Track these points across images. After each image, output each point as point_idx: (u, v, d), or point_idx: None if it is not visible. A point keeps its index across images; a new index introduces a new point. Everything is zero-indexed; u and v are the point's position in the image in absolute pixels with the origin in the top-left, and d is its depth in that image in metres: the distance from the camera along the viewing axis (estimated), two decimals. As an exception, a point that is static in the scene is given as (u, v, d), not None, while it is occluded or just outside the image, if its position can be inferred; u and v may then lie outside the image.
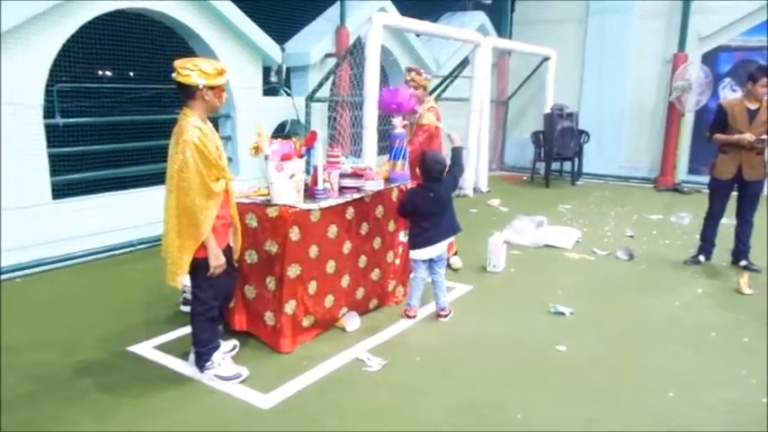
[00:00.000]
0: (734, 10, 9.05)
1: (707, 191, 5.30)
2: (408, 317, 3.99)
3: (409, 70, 4.86)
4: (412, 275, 4.04)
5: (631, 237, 6.34)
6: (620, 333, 3.87)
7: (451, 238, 4.06)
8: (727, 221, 5.26)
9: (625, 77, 10.28)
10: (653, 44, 9.92)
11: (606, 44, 10.36)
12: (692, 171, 9.74)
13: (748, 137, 4.77)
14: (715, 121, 5.05)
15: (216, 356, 3.15)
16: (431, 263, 3.95)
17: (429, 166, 3.81)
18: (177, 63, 2.86)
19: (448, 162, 3.94)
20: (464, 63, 8.75)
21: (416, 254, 3.91)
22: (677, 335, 3.85)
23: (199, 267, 2.96)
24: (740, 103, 4.92)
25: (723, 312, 4.25)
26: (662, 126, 9.82)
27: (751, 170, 4.93)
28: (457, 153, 4.02)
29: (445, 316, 4.01)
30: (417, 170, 3.95)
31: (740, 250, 5.22)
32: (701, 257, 5.34)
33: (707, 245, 5.34)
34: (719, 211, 5.19)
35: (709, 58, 9.34)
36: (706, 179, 5.52)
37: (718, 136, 4.99)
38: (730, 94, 9.21)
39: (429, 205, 3.81)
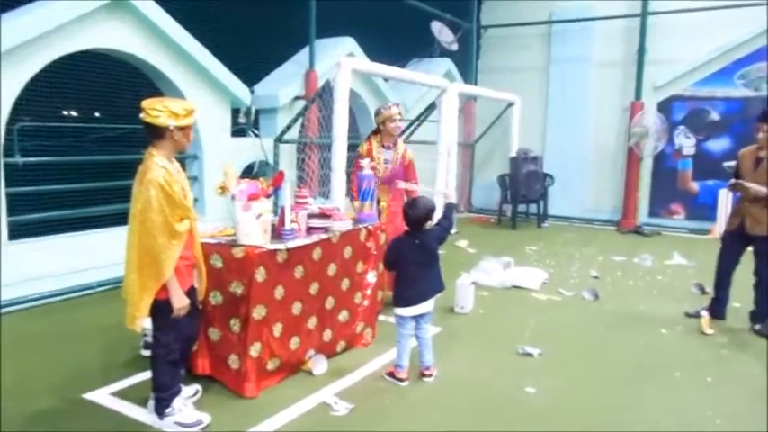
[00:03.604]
0: (685, 62, 9.54)
1: (666, 233, 5.31)
2: (397, 379, 3.63)
3: (388, 107, 5.02)
4: (398, 331, 3.66)
5: (596, 278, 6.44)
6: (587, 373, 3.88)
7: (439, 294, 3.75)
8: (686, 262, 5.31)
9: (586, 123, 10.64)
10: (611, 92, 10.35)
11: (567, 91, 10.76)
12: (652, 214, 9.94)
13: (732, 182, 4.56)
14: (735, 170, 4.74)
15: (176, 402, 3.03)
16: (417, 318, 3.66)
17: (412, 213, 3.60)
18: (145, 104, 2.84)
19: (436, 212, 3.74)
20: (431, 107, 8.93)
21: (403, 311, 3.60)
22: (642, 375, 3.88)
23: (160, 309, 2.88)
24: (752, 152, 4.59)
25: (686, 352, 4.30)
26: (623, 170, 10.13)
27: (754, 224, 4.51)
28: (449, 209, 3.87)
29: (430, 375, 3.69)
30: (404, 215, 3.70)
31: (755, 310, 4.69)
32: (704, 312, 4.85)
33: (716, 302, 4.86)
34: (727, 263, 4.76)
35: (665, 107, 9.75)
36: (666, 222, 5.51)
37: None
38: (684, 140, 9.67)
39: (416, 253, 3.59)
